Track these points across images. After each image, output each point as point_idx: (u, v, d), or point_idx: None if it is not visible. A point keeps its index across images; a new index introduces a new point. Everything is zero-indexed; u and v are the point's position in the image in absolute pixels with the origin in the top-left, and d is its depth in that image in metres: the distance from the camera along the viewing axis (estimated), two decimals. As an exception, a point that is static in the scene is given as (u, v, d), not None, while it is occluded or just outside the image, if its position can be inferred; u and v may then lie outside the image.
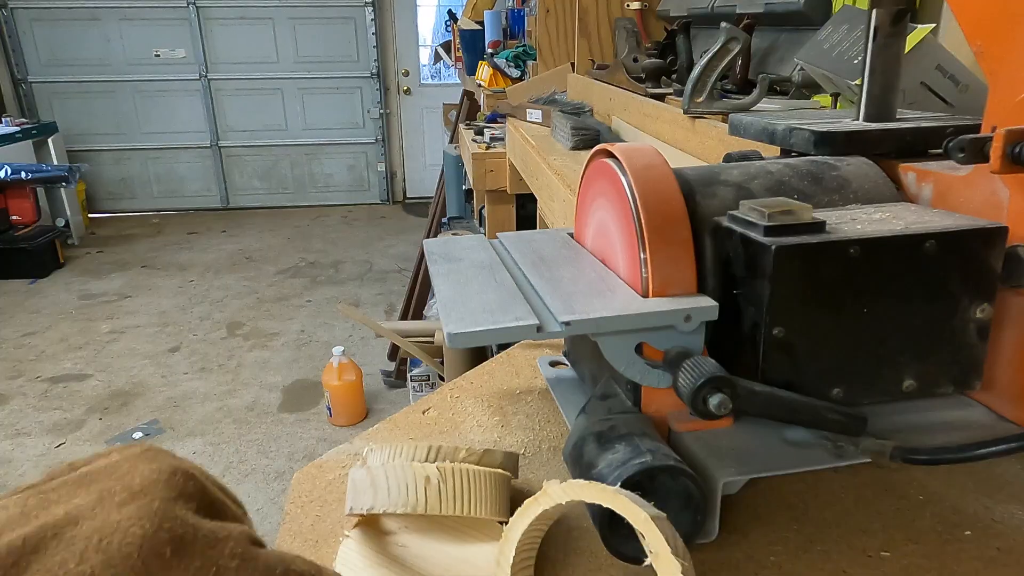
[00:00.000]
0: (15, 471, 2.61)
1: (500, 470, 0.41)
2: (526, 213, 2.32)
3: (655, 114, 1.42)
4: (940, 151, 0.51)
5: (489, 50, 3.42)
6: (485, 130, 2.72)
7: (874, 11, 0.57)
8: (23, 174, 4.54)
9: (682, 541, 0.33)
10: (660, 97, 1.49)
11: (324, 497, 0.48)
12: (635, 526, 0.33)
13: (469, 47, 3.78)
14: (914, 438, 0.45)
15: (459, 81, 4.72)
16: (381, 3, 5.93)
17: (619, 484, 0.36)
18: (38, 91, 5.73)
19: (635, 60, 1.73)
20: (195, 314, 4.01)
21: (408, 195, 6.48)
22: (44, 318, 3.97)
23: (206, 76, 5.88)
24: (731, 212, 0.46)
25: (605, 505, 0.33)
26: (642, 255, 0.44)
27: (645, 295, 0.44)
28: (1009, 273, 0.44)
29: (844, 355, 0.44)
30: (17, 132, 4.86)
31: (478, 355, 1.64)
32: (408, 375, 3.27)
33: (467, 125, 3.05)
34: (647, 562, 0.33)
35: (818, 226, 0.43)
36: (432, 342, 3.16)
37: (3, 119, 5.10)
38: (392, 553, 0.41)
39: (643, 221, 0.44)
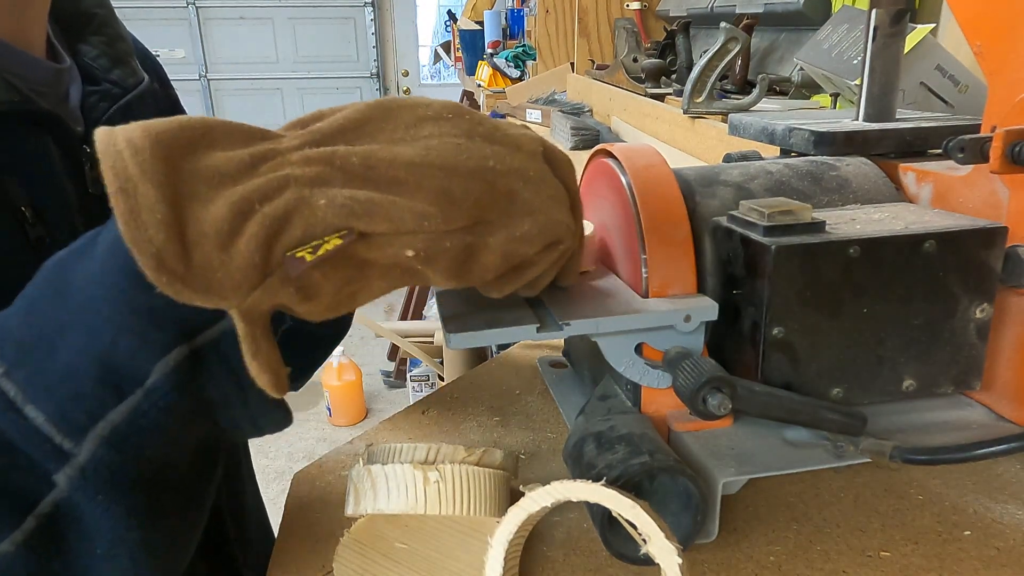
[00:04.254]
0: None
1: (500, 470, 0.41)
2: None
3: (655, 114, 1.42)
4: (940, 151, 0.51)
5: (489, 50, 3.42)
6: (485, 130, 2.71)
7: (873, 11, 0.57)
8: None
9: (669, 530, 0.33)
10: (660, 97, 1.49)
11: (324, 497, 0.48)
12: (624, 515, 0.33)
13: (469, 47, 3.78)
14: (914, 438, 0.45)
15: (459, 81, 4.72)
16: (381, 3, 5.93)
17: (619, 484, 0.36)
18: (37, 91, 5.72)
19: (635, 60, 1.74)
20: (195, 314, 4.00)
21: (408, 195, 6.47)
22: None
23: (205, 76, 5.87)
24: (731, 212, 0.46)
25: (591, 501, 0.33)
26: (642, 255, 0.44)
27: (645, 295, 0.44)
28: (1009, 273, 0.44)
29: (844, 355, 0.44)
30: (17, 132, 4.85)
31: (478, 355, 1.64)
32: (408, 375, 3.26)
33: (467, 125, 3.04)
34: (643, 551, 0.33)
35: (818, 226, 0.43)
36: (432, 342, 3.16)
37: (3, 119, 5.09)
38: (392, 553, 0.41)
39: (643, 221, 0.44)
